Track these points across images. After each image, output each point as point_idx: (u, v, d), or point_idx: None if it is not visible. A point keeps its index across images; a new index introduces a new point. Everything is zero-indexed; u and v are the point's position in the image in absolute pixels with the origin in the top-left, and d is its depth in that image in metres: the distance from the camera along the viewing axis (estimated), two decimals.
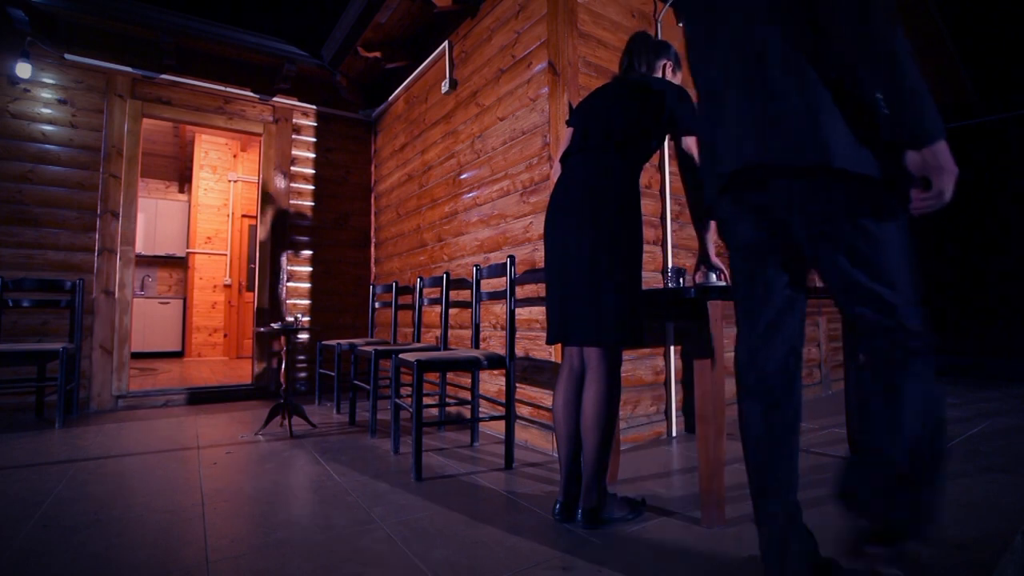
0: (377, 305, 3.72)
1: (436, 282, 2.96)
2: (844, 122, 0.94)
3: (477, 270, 2.63)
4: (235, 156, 7.02)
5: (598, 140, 1.64)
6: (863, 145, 0.94)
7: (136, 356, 6.34)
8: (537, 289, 2.51)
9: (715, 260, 1.64)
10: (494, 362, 2.20)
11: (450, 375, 3.16)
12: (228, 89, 4.10)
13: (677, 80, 1.83)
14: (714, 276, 1.69)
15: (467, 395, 2.99)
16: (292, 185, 4.38)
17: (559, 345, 2.18)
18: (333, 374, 3.46)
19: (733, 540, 1.42)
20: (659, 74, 1.79)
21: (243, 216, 6.95)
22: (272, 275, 4.22)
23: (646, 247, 2.62)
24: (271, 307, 4.20)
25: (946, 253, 5.40)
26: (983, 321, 5.14)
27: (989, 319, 5.10)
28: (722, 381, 1.60)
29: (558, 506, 1.59)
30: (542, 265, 2.30)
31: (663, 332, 2.68)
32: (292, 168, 4.38)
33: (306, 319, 4.34)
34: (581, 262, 1.55)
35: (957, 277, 5.32)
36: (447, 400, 2.85)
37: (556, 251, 1.64)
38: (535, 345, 2.50)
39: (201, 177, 6.85)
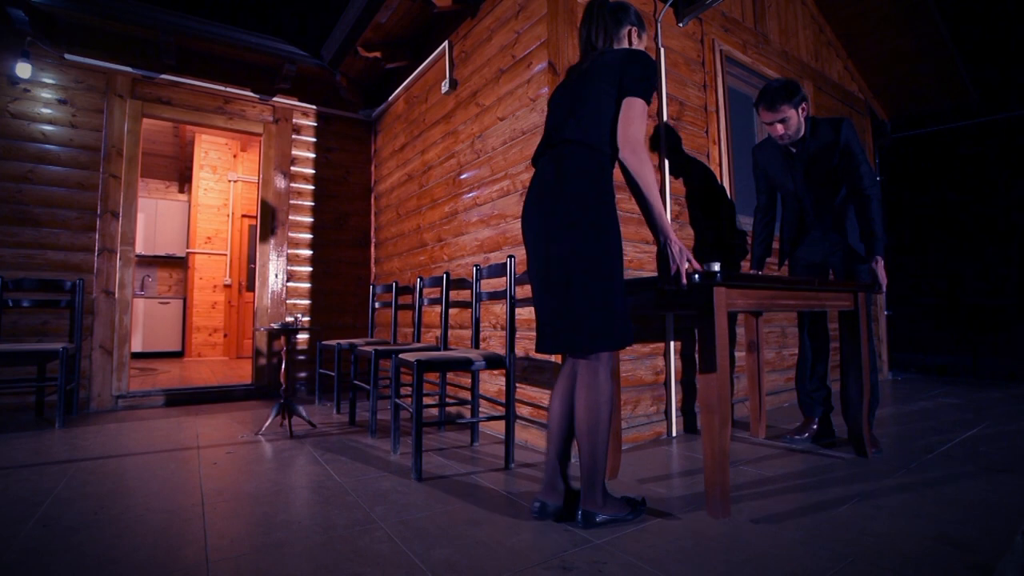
0: (377, 305, 3.72)
1: (436, 282, 2.96)
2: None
3: (477, 270, 2.63)
4: (235, 156, 7.02)
5: (563, 136, 1.56)
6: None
7: (136, 356, 6.34)
8: None
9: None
10: (494, 362, 2.20)
11: (450, 375, 3.16)
12: (228, 89, 4.10)
13: (642, 45, 1.70)
14: (716, 264, 1.67)
15: (467, 395, 2.99)
16: (292, 185, 4.38)
17: None
18: (333, 374, 3.46)
19: (732, 540, 1.42)
20: (624, 43, 1.65)
21: (243, 216, 6.95)
22: (272, 275, 4.23)
23: (645, 247, 2.62)
24: (271, 307, 4.20)
25: (948, 253, 5.40)
26: (984, 321, 5.14)
27: (990, 319, 5.09)
28: (726, 369, 1.58)
29: (537, 504, 1.58)
30: None
31: (663, 325, 2.68)
32: (292, 168, 4.38)
33: (306, 319, 4.34)
34: (552, 270, 1.51)
35: (957, 277, 5.32)
36: (447, 400, 2.85)
37: (531, 259, 1.60)
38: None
39: (201, 177, 6.85)
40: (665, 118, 2.79)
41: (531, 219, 1.59)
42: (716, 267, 1.62)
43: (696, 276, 1.56)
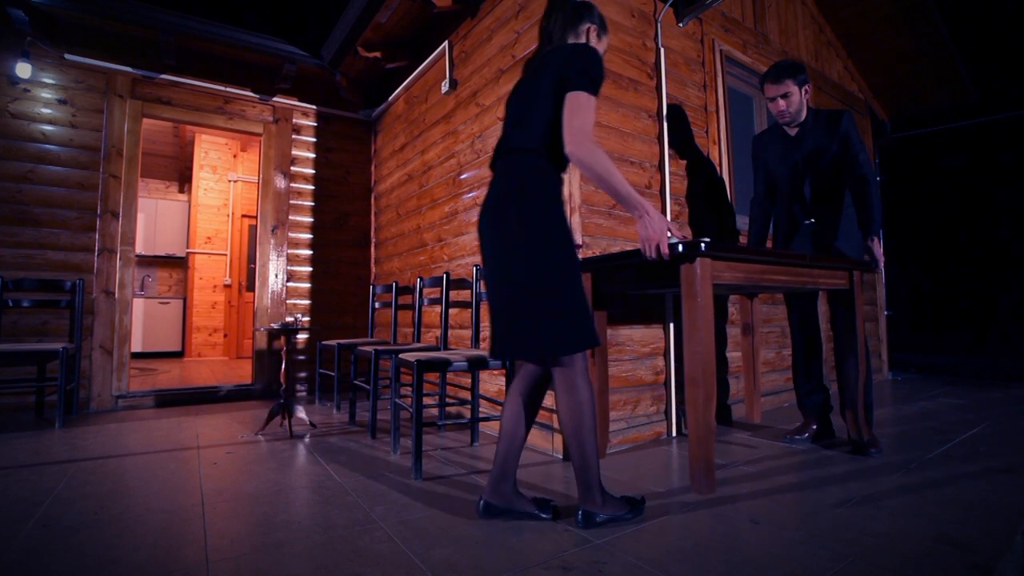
0: (377, 305, 3.72)
1: (436, 282, 2.96)
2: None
3: (477, 270, 2.63)
4: (235, 156, 7.03)
5: (510, 145, 1.55)
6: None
7: (136, 356, 6.34)
8: None
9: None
10: (479, 363, 2.19)
11: (450, 375, 3.16)
12: (228, 89, 4.10)
13: (602, 47, 1.66)
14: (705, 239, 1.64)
15: (467, 395, 2.99)
16: (292, 185, 4.38)
17: None
18: (333, 374, 3.46)
19: (732, 540, 1.42)
20: (581, 40, 1.59)
21: (243, 216, 6.95)
22: (272, 275, 4.23)
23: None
24: (271, 307, 4.20)
25: (948, 253, 5.40)
26: (984, 321, 5.14)
27: (990, 319, 5.10)
28: (711, 343, 1.57)
29: (481, 503, 1.57)
30: None
31: (663, 323, 2.68)
32: (292, 168, 4.38)
33: (306, 319, 4.34)
34: (508, 281, 1.50)
35: (957, 277, 5.32)
36: (447, 400, 2.85)
37: (486, 266, 1.58)
38: None
39: (201, 177, 6.86)
40: (665, 117, 2.79)
41: (484, 228, 1.57)
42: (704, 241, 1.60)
43: (680, 247, 1.53)
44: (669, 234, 1.55)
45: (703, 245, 1.53)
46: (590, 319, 1.48)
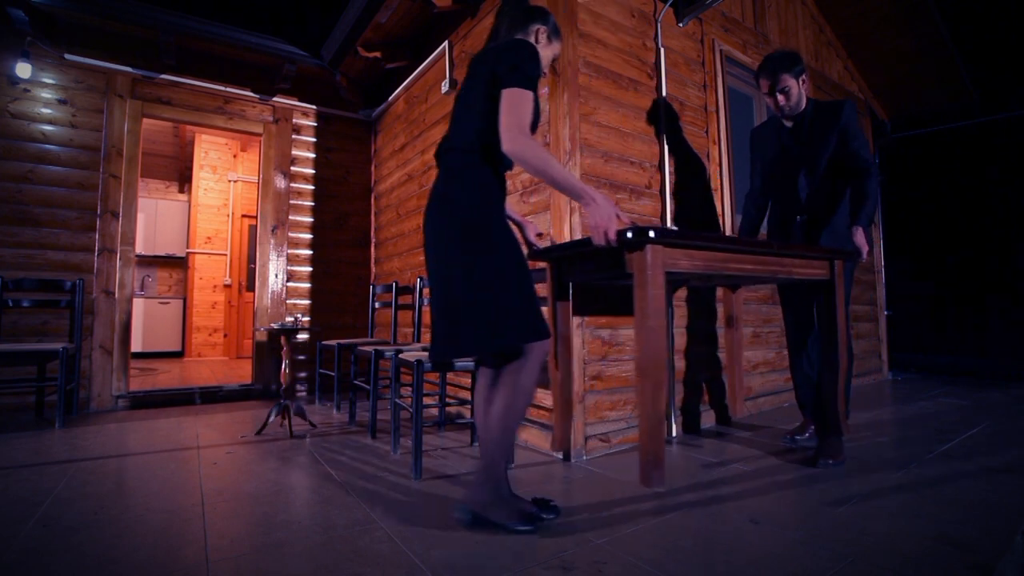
0: (377, 305, 3.72)
1: None
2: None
3: None
4: (235, 156, 7.03)
5: (446, 143, 1.54)
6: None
7: (136, 356, 6.34)
8: (538, 289, 2.50)
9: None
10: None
11: (450, 375, 3.16)
12: (228, 89, 4.10)
13: (550, 53, 1.63)
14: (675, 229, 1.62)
15: (467, 395, 2.99)
16: (292, 185, 4.38)
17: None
18: (333, 374, 3.46)
19: (732, 540, 1.42)
20: (530, 39, 1.58)
21: (243, 216, 6.95)
22: (272, 275, 4.23)
23: None
24: (271, 307, 4.20)
25: (948, 253, 5.40)
26: (984, 321, 5.14)
27: (991, 319, 5.10)
28: (662, 333, 1.53)
29: (468, 516, 1.54)
30: (542, 265, 2.30)
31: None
32: (292, 168, 4.38)
33: (306, 319, 4.34)
34: (435, 275, 1.50)
35: (957, 277, 5.32)
36: (447, 400, 2.85)
37: (427, 267, 1.57)
38: None
39: (201, 177, 6.85)
40: (664, 117, 2.78)
41: (425, 227, 1.56)
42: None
43: (628, 233, 1.50)
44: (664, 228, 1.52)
45: (652, 232, 1.50)
46: (530, 314, 1.45)
